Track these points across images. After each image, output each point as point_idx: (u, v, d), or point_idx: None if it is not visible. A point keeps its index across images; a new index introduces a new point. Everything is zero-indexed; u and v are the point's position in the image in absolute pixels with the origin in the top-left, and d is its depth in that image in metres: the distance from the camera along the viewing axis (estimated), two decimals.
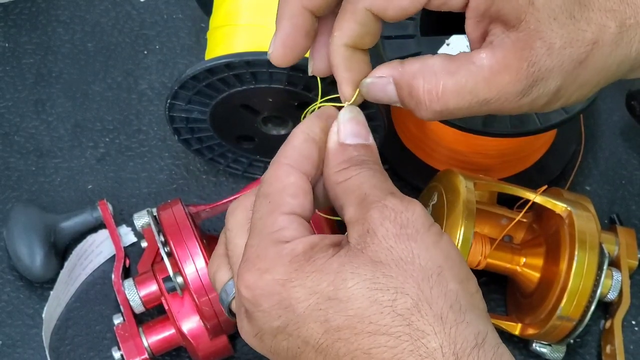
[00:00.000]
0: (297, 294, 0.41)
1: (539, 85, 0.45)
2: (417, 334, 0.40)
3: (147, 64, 0.81)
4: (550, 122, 0.63)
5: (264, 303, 0.42)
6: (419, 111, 0.46)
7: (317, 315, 0.41)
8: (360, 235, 0.42)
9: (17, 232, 0.69)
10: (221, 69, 0.62)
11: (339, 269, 0.41)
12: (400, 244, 0.41)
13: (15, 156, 0.77)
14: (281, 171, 0.45)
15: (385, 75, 0.46)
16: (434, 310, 0.40)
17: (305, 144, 0.46)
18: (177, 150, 0.77)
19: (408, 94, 0.46)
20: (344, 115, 0.46)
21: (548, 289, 0.63)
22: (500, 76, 0.44)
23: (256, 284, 0.42)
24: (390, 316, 0.40)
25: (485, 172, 0.69)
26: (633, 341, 0.69)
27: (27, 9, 0.83)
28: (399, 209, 0.42)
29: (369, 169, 0.45)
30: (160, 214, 0.63)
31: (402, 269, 0.41)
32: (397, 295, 0.40)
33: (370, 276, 0.41)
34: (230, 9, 0.67)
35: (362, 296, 0.40)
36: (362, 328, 0.40)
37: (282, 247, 0.42)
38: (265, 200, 0.44)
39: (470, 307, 0.41)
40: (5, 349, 0.69)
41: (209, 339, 0.64)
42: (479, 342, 0.40)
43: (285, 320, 0.42)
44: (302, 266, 0.42)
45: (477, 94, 0.45)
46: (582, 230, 0.62)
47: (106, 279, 0.71)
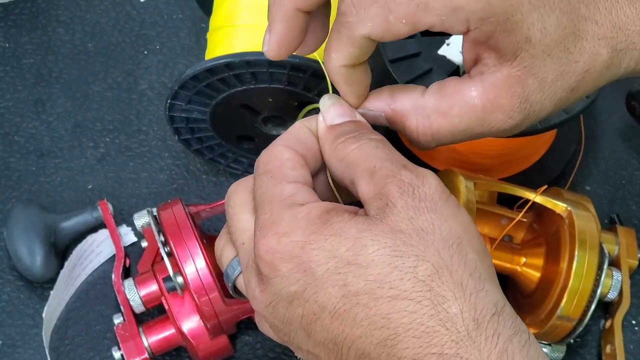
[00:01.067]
0: (317, 256, 0.41)
1: (531, 117, 0.46)
2: (438, 299, 0.40)
3: (147, 64, 0.81)
4: (550, 122, 0.63)
5: (283, 267, 0.42)
6: (414, 145, 0.48)
7: (336, 279, 0.41)
8: (379, 208, 0.42)
9: (17, 232, 0.69)
10: (221, 69, 0.62)
11: (358, 234, 0.41)
12: (421, 215, 0.42)
13: (15, 156, 0.77)
14: (276, 150, 0.46)
15: (376, 109, 0.47)
16: (455, 277, 0.41)
17: (299, 130, 0.47)
18: (177, 150, 0.77)
19: (402, 130, 0.47)
20: (325, 102, 0.47)
21: (548, 288, 0.63)
22: (493, 115, 0.45)
23: (274, 248, 0.42)
24: (412, 282, 0.40)
25: (485, 172, 0.69)
26: (633, 341, 0.69)
27: (27, 9, 0.83)
28: (416, 183, 0.43)
29: (369, 139, 0.45)
30: (161, 214, 0.63)
31: (423, 238, 0.41)
32: (418, 262, 0.41)
33: (390, 244, 0.41)
34: (230, 10, 0.67)
35: (382, 262, 0.41)
36: (382, 293, 0.40)
37: (297, 211, 0.43)
38: (266, 176, 0.45)
39: (489, 277, 0.42)
40: (5, 349, 0.69)
41: (209, 338, 0.64)
42: (498, 309, 0.41)
43: (303, 284, 0.42)
44: (320, 229, 0.42)
45: (470, 131, 0.46)
46: (582, 230, 0.62)
47: (106, 278, 0.71)
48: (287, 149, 0.46)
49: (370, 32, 0.43)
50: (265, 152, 0.46)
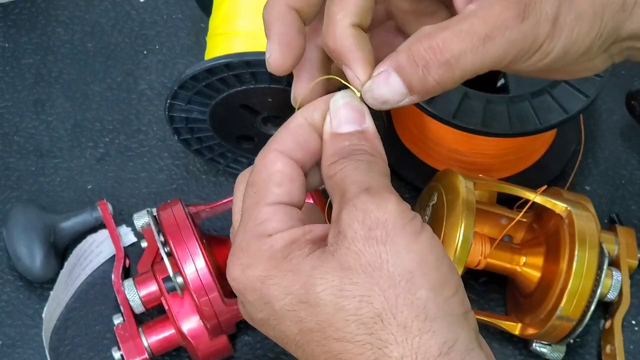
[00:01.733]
0: (275, 292, 0.42)
1: (533, 8, 0.43)
2: (379, 343, 0.39)
3: (146, 64, 0.81)
4: (550, 122, 0.63)
5: (249, 296, 0.43)
6: (431, 72, 0.43)
7: (292, 315, 0.41)
8: (334, 237, 0.41)
9: (16, 232, 0.69)
10: (221, 69, 0.62)
11: (310, 272, 0.41)
12: (369, 247, 0.40)
13: (15, 156, 0.77)
14: (268, 158, 0.44)
15: (382, 68, 0.44)
16: (398, 319, 0.39)
17: (300, 129, 0.45)
18: (177, 150, 0.77)
19: (412, 65, 0.43)
20: (336, 101, 0.45)
21: (548, 288, 0.63)
22: (492, 8, 0.43)
23: (240, 278, 0.43)
24: (355, 324, 0.40)
25: (485, 172, 0.69)
26: (633, 341, 0.69)
27: (26, 9, 0.83)
28: (369, 208, 0.41)
29: (355, 160, 0.43)
30: (160, 214, 0.63)
31: (370, 275, 0.40)
32: (362, 303, 0.40)
33: (337, 283, 0.40)
34: (229, 11, 0.67)
35: (329, 302, 0.40)
36: (330, 334, 0.40)
37: (263, 242, 0.42)
38: (252, 190, 0.44)
39: (441, 315, 0.40)
40: (5, 349, 0.69)
41: (208, 339, 0.64)
42: (443, 351, 0.39)
43: (267, 315, 0.42)
44: (280, 264, 0.42)
45: (475, 31, 0.43)
46: (582, 230, 0.62)
47: (106, 279, 0.71)
48: (281, 157, 0.44)
49: None
50: (261, 155, 0.45)
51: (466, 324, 0.41)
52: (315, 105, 0.45)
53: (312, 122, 0.45)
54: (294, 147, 0.44)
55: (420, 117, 0.69)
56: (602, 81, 0.64)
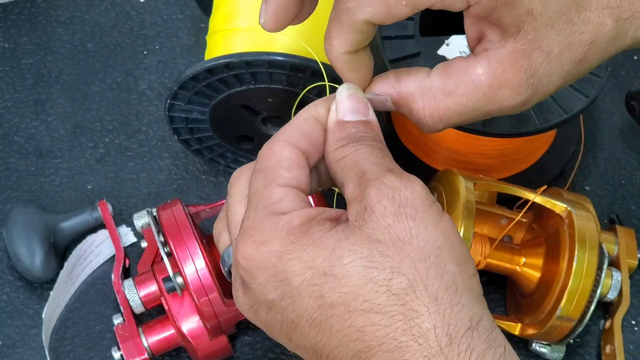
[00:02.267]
0: (294, 267, 0.41)
1: (539, 92, 0.45)
2: (411, 314, 0.40)
3: (146, 64, 0.81)
4: (550, 122, 0.63)
5: (260, 275, 0.42)
6: (421, 128, 0.47)
7: (312, 290, 0.41)
8: (358, 213, 0.42)
9: (16, 233, 0.69)
10: (221, 69, 0.62)
11: (336, 244, 0.41)
12: (399, 223, 0.41)
13: (15, 156, 0.77)
14: (276, 146, 0.45)
15: (381, 93, 0.46)
16: (429, 291, 0.40)
17: (305, 122, 0.45)
18: (177, 151, 0.77)
19: (409, 113, 0.46)
20: (342, 92, 0.46)
21: (548, 289, 0.63)
22: (501, 91, 0.44)
23: (252, 256, 0.42)
24: (385, 295, 0.40)
25: (485, 172, 0.69)
26: (633, 341, 0.69)
27: (26, 9, 0.83)
28: (398, 187, 0.42)
29: (367, 145, 0.44)
30: (160, 214, 0.63)
31: (400, 248, 0.40)
32: (393, 274, 0.40)
33: (367, 254, 0.40)
34: (229, 10, 0.67)
35: (357, 274, 0.40)
36: (356, 306, 0.40)
37: (278, 219, 0.42)
38: (260, 175, 0.44)
39: (467, 290, 0.41)
40: (5, 349, 0.69)
41: (208, 339, 0.64)
42: (473, 324, 0.40)
43: (280, 294, 0.42)
44: (299, 239, 0.41)
45: (478, 109, 0.45)
46: (582, 230, 0.62)
47: (106, 279, 0.71)
48: (288, 145, 0.45)
49: (371, 16, 0.43)
50: (267, 145, 0.45)
51: (485, 304, 0.42)
52: (319, 102, 0.46)
53: (318, 116, 0.46)
54: (300, 137, 0.45)
55: None
56: (601, 81, 0.64)
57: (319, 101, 0.47)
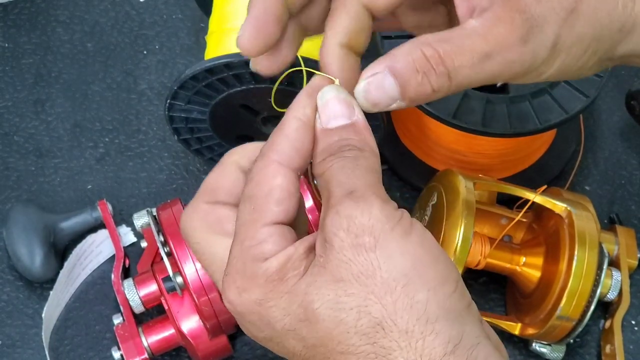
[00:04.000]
0: (274, 313, 0.42)
1: (535, 32, 0.44)
2: (383, 351, 0.39)
3: (146, 64, 0.81)
4: (550, 122, 0.63)
5: (247, 318, 0.43)
6: (430, 80, 0.43)
7: (293, 334, 0.42)
8: (321, 245, 0.41)
9: (16, 232, 0.69)
10: (220, 69, 0.62)
11: (306, 290, 0.41)
12: (358, 256, 0.40)
13: (14, 156, 0.77)
14: (269, 171, 0.43)
15: (378, 70, 0.43)
16: (399, 325, 0.39)
17: (297, 133, 0.43)
18: (177, 150, 0.77)
19: (411, 71, 0.43)
20: (323, 96, 0.44)
21: (548, 288, 0.63)
22: (496, 29, 0.43)
23: (236, 301, 0.42)
24: (357, 336, 0.40)
25: (484, 172, 0.69)
26: (633, 341, 0.69)
27: (26, 9, 0.83)
28: (352, 214, 0.40)
29: (342, 158, 0.42)
30: (160, 214, 0.63)
31: (363, 284, 0.40)
32: (360, 314, 0.40)
33: (332, 296, 0.40)
34: (229, 10, 0.67)
35: (328, 317, 0.40)
36: (333, 347, 0.40)
37: (258, 267, 0.42)
38: (249, 205, 0.43)
39: (443, 314, 0.40)
40: (5, 349, 0.69)
41: (208, 338, 0.64)
42: (448, 350, 0.39)
43: (269, 334, 0.43)
44: (277, 287, 0.41)
45: (476, 48, 0.43)
46: (582, 230, 0.62)
47: (106, 279, 0.71)
48: (281, 169, 0.43)
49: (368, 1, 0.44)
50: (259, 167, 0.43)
51: (470, 317, 0.41)
52: (303, 102, 0.44)
53: (305, 121, 0.44)
54: (293, 155, 0.43)
55: (420, 117, 0.69)
56: (602, 81, 0.64)
57: (302, 101, 0.44)
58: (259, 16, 0.44)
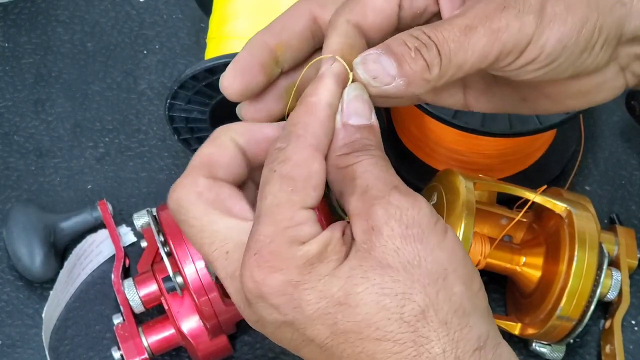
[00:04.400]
0: (309, 296, 0.41)
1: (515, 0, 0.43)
2: (422, 340, 0.40)
3: (146, 64, 0.81)
4: (550, 122, 0.63)
5: (271, 300, 0.41)
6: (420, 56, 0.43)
7: (325, 318, 0.41)
8: (365, 232, 0.41)
9: (16, 232, 0.69)
10: (221, 69, 0.62)
11: (350, 273, 0.41)
12: (407, 245, 0.41)
13: (14, 156, 0.77)
14: (307, 154, 0.42)
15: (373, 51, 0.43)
16: (439, 316, 0.40)
17: (329, 121, 0.43)
18: (177, 150, 0.77)
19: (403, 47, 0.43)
20: (349, 93, 0.44)
21: (548, 288, 0.63)
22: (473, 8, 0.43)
23: (265, 281, 0.41)
24: (397, 323, 0.40)
25: (485, 172, 0.69)
26: (633, 341, 0.69)
27: (26, 8, 0.83)
28: (405, 206, 0.41)
29: (371, 156, 0.43)
30: (160, 214, 0.63)
31: (410, 272, 0.40)
32: (404, 301, 0.40)
33: (379, 281, 0.40)
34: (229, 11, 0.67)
35: (370, 301, 0.40)
36: (369, 333, 0.40)
37: (297, 248, 0.41)
38: (286, 186, 0.42)
39: (473, 309, 0.41)
40: (5, 349, 0.69)
41: (208, 338, 0.64)
42: (480, 344, 0.41)
43: (291, 319, 0.42)
44: (316, 269, 0.41)
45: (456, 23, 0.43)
46: (582, 230, 0.62)
47: (106, 278, 0.71)
48: (318, 156, 0.42)
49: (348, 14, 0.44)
50: (297, 148, 0.42)
51: (491, 317, 0.42)
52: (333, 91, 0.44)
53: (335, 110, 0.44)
54: (325, 142, 0.43)
55: (420, 117, 0.69)
56: None
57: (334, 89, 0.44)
58: (244, 60, 0.46)
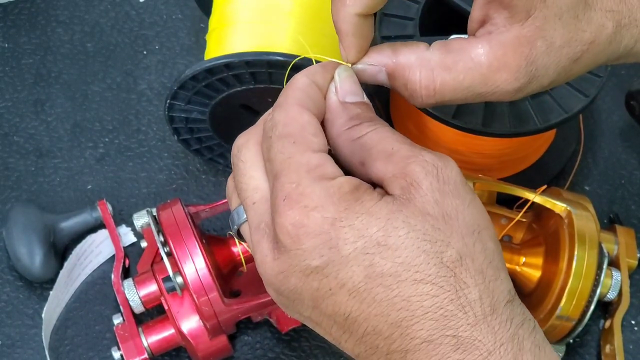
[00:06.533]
0: (346, 234, 0.41)
1: (534, 82, 0.45)
2: (460, 284, 0.41)
3: (146, 64, 0.81)
4: (550, 122, 0.63)
5: (308, 242, 0.41)
6: (413, 101, 0.46)
7: (362, 259, 0.41)
8: (404, 188, 0.42)
9: (16, 232, 0.69)
10: (220, 69, 0.62)
11: (390, 215, 0.41)
12: (445, 199, 0.42)
13: (14, 156, 0.77)
14: (294, 110, 0.43)
15: (377, 64, 0.46)
16: (476, 265, 0.41)
17: (309, 87, 0.44)
18: (177, 150, 0.77)
19: (402, 85, 0.46)
20: (341, 73, 0.45)
21: (547, 288, 0.63)
22: (499, 74, 0.45)
23: (302, 221, 0.41)
24: (437, 267, 0.41)
25: (484, 171, 0.69)
26: (632, 341, 0.69)
27: (26, 9, 0.83)
28: (440, 165, 0.43)
29: (382, 124, 0.44)
30: (160, 214, 0.63)
31: (448, 223, 0.41)
32: (444, 247, 0.41)
33: (420, 227, 0.41)
34: (229, 9, 0.67)
35: (412, 245, 0.41)
36: (408, 276, 0.41)
37: (329, 185, 0.41)
38: (288, 141, 0.43)
39: (503, 267, 0.43)
40: (4, 349, 0.69)
41: (208, 338, 0.64)
42: (511, 297, 0.42)
43: (326, 260, 0.41)
44: (352, 206, 0.41)
45: (473, 89, 0.45)
46: (582, 230, 0.62)
47: (106, 279, 0.71)
48: (304, 110, 0.43)
49: None
50: (280, 111, 0.44)
51: None
52: (315, 70, 0.45)
53: (316, 83, 0.45)
54: (308, 101, 0.44)
55: (420, 117, 0.69)
56: (601, 81, 0.64)
57: (316, 70, 0.45)
58: None
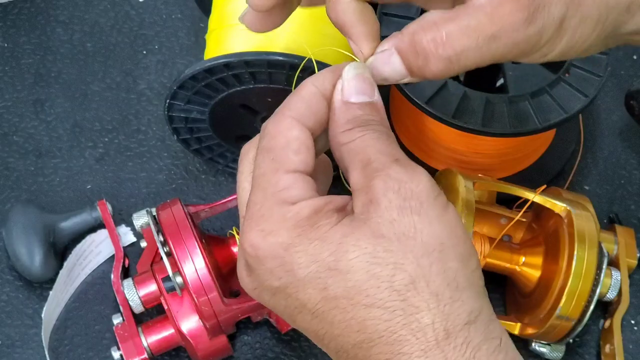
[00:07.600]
0: (299, 259, 0.41)
1: (542, 12, 0.44)
2: (411, 309, 0.40)
3: (146, 64, 0.81)
4: (550, 122, 0.63)
5: (267, 263, 0.42)
6: (430, 64, 0.44)
7: (316, 283, 0.41)
8: (364, 205, 0.42)
9: (16, 232, 0.69)
10: (220, 69, 0.62)
11: (341, 239, 0.41)
12: (404, 217, 0.41)
13: (14, 156, 0.77)
14: (284, 124, 0.44)
15: (387, 47, 0.45)
16: (431, 287, 0.41)
17: (313, 97, 0.45)
18: (176, 150, 0.77)
19: (413, 53, 0.44)
20: (349, 72, 0.45)
21: (547, 288, 0.63)
22: (502, 7, 0.43)
23: (259, 244, 0.42)
24: (388, 291, 0.40)
25: (484, 171, 0.69)
26: (632, 341, 0.69)
27: (26, 9, 0.83)
28: (404, 179, 0.42)
29: (373, 130, 0.44)
30: (160, 214, 0.63)
31: (403, 243, 0.41)
32: (395, 270, 0.41)
33: (371, 250, 0.41)
34: (228, 9, 0.67)
35: (361, 269, 0.41)
36: (359, 300, 0.41)
37: (287, 210, 0.42)
38: (267, 156, 0.43)
39: (468, 285, 0.42)
40: (4, 349, 0.69)
41: (208, 338, 0.64)
42: (471, 319, 0.41)
43: (285, 282, 0.42)
44: (306, 232, 0.42)
45: (481, 29, 0.43)
46: (581, 230, 0.62)
47: (105, 278, 0.71)
48: (297, 124, 0.44)
49: None
50: (273, 121, 0.44)
51: (486, 298, 0.43)
52: (324, 75, 0.45)
53: (323, 91, 0.45)
54: (307, 114, 0.44)
55: (420, 117, 0.69)
56: (601, 81, 0.64)
57: (324, 74, 0.45)
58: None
